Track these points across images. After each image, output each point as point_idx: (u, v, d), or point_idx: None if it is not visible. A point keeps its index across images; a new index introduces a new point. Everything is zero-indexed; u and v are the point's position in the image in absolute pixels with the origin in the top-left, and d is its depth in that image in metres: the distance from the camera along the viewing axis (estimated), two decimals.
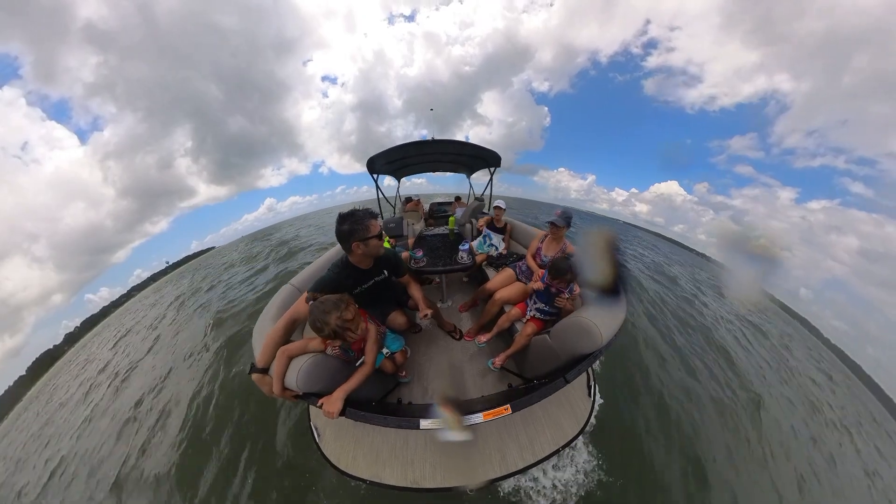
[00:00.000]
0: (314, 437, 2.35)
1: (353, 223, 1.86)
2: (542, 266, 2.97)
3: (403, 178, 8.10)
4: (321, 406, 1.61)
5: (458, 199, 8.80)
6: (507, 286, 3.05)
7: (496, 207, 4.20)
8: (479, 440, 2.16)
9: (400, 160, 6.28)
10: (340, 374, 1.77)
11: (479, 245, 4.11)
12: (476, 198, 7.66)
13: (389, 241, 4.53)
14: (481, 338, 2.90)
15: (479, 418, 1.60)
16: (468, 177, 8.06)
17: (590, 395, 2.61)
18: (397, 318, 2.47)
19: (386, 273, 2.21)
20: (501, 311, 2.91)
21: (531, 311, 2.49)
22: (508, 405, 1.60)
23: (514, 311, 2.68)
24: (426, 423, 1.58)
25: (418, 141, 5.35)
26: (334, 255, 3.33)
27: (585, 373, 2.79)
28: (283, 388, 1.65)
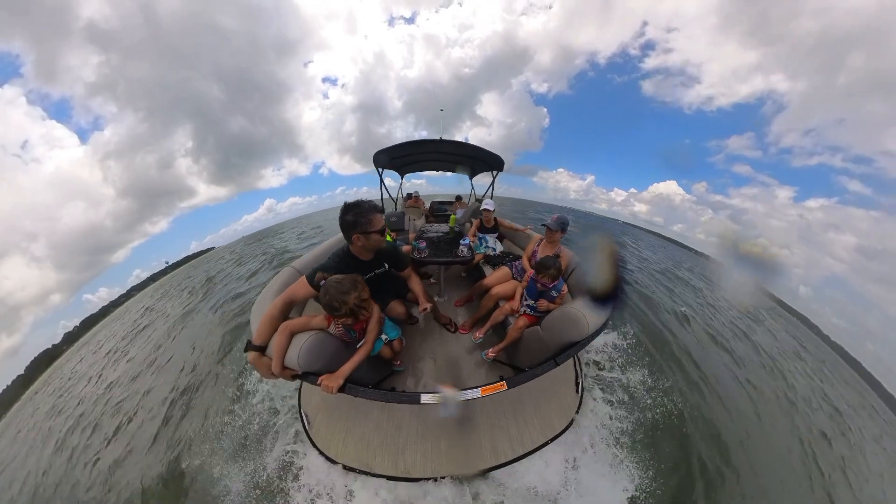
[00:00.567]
0: (304, 424, 2.33)
1: (357, 215, 1.83)
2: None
3: (406, 176, 8.13)
4: (320, 383, 1.58)
5: (459, 199, 8.82)
6: (503, 283, 3.13)
7: (484, 210, 4.16)
8: (472, 432, 2.17)
9: (406, 156, 6.32)
10: (340, 355, 1.75)
11: (476, 247, 4.18)
12: (477, 199, 7.71)
13: (391, 235, 4.58)
14: (477, 333, 2.97)
15: (477, 393, 1.64)
16: (470, 178, 8.09)
17: (577, 391, 2.66)
18: (396, 308, 2.48)
19: (387, 266, 2.22)
20: (496, 306, 2.99)
21: (523, 307, 2.57)
22: (504, 381, 1.66)
23: (508, 305, 2.76)
24: (427, 398, 1.58)
25: (425, 139, 5.44)
26: (337, 242, 3.32)
27: (574, 370, 2.85)
28: (283, 367, 1.61)
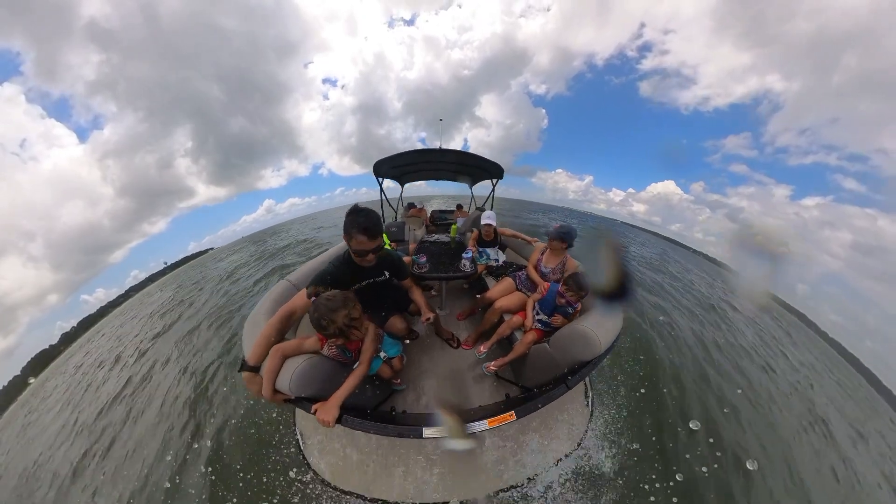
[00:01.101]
0: (299, 444, 2.25)
1: (349, 223, 1.74)
2: (542, 277, 2.96)
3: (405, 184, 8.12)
4: (315, 412, 1.51)
5: (459, 207, 8.79)
6: (508, 295, 3.04)
7: (485, 225, 3.99)
8: (474, 454, 2.05)
9: (405, 166, 6.31)
10: (335, 378, 1.67)
11: (477, 259, 4.09)
12: (478, 208, 7.67)
13: (391, 245, 4.50)
14: (481, 348, 2.87)
15: (484, 425, 1.53)
16: (470, 187, 8.09)
17: (588, 405, 2.58)
18: (396, 324, 2.39)
19: (387, 274, 2.13)
20: (501, 319, 2.89)
21: (535, 322, 2.47)
22: (512, 412, 1.55)
23: (515, 318, 2.66)
24: (429, 432, 1.49)
25: (426, 149, 5.38)
26: (335, 252, 3.32)
27: (583, 383, 2.77)
28: (274, 391, 1.54)
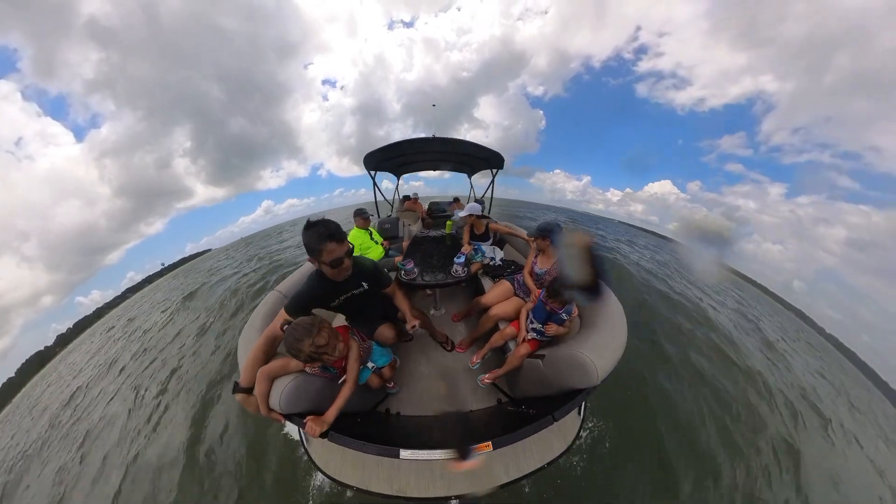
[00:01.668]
0: (302, 442, 2.34)
1: (311, 238, 1.61)
2: (537, 280, 2.81)
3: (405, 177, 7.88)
4: (305, 424, 1.57)
5: (456, 200, 8.64)
6: (503, 301, 2.89)
7: (469, 216, 3.76)
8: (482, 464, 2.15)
9: (400, 156, 6.08)
10: (324, 392, 1.74)
11: (472, 256, 3.93)
12: (476, 200, 7.45)
13: (383, 244, 4.37)
14: (474, 358, 2.75)
15: (452, 455, 1.54)
16: (469, 177, 7.86)
17: (579, 413, 2.52)
18: (385, 332, 2.32)
19: (365, 286, 2.03)
20: (496, 327, 2.76)
21: (529, 333, 2.34)
22: (490, 442, 1.54)
23: (508, 329, 2.53)
24: (405, 454, 1.52)
25: (420, 137, 5.19)
26: (307, 270, 3.07)
27: None
28: (269, 409, 1.61)
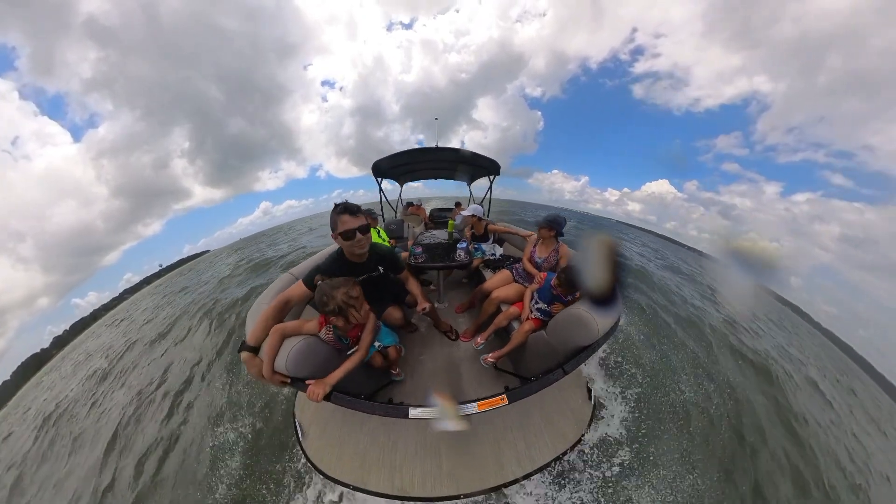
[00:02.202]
0: (297, 435, 2.25)
1: (331, 218, 1.84)
2: (536, 267, 2.96)
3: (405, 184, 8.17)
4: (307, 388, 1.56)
5: (458, 204, 8.88)
6: (505, 286, 3.02)
7: (469, 216, 3.91)
8: (475, 448, 2.06)
9: (404, 165, 6.41)
10: (331, 361, 1.72)
11: (474, 254, 4.06)
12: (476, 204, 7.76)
13: (390, 242, 4.52)
14: (479, 339, 2.85)
15: (474, 408, 1.56)
16: (468, 184, 8.16)
17: (590, 399, 2.55)
18: (393, 314, 2.44)
19: (381, 269, 2.16)
20: (498, 310, 2.87)
21: (533, 311, 2.44)
22: (504, 395, 1.56)
23: (512, 309, 2.63)
24: (415, 412, 1.52)
25: (422, 147, 5.49)
26: (329, 251, 3.31)
27: (585, 378, 2.76)
28: (273, 372, 1.60)
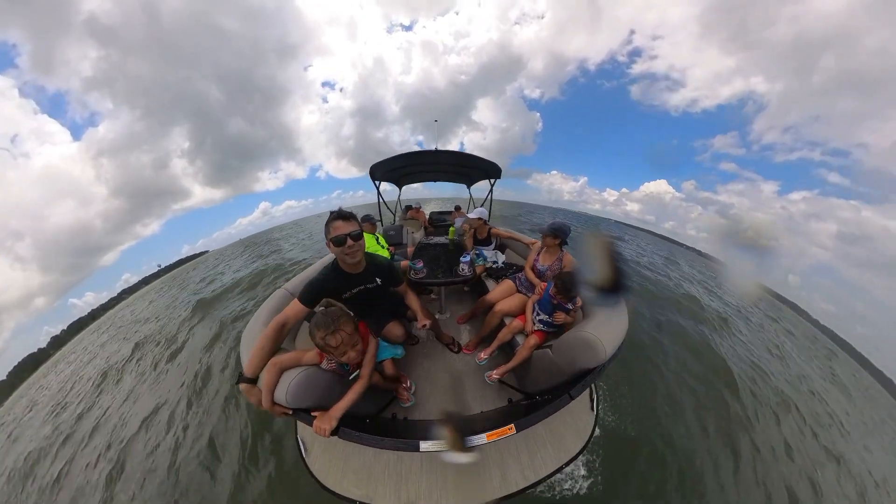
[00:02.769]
0: (300, 451, 2.22)
1: (326, 223, 1.78)
2: (539, 276, 2.93)
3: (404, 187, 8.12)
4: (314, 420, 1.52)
5: (457, 208, 8.81)
6: (508, 298, 2.98)
7: (475, 219, 3.95)
8: (479, 459, 2.03)
9: (402, 168, 6.29)
10: (334, 389, 1.68)
11: (475, 260, 4.05)
12: (476, 207, 7.68)
13: (388, 249, 4.46)
14: (482, 354, 2.80)
15: (483, 439, 1.51)
16: (468, 187, 8.08)
17: (592, 409, 2.54)
18: (394, 330, 2.36)
19: (379, 281, 2.10)
20: (501, 323, 2.83)
21: (536, 324, 2.42)
22: (512, 425, 1.53)
23: (515, 322, 2.60)
24: (426, 446, 1.49)
25: (421, 151, 5.41)
26: (325, 261, 3.28)
27: (589, 387, 2.74)
28: (273, 403, 1.54)
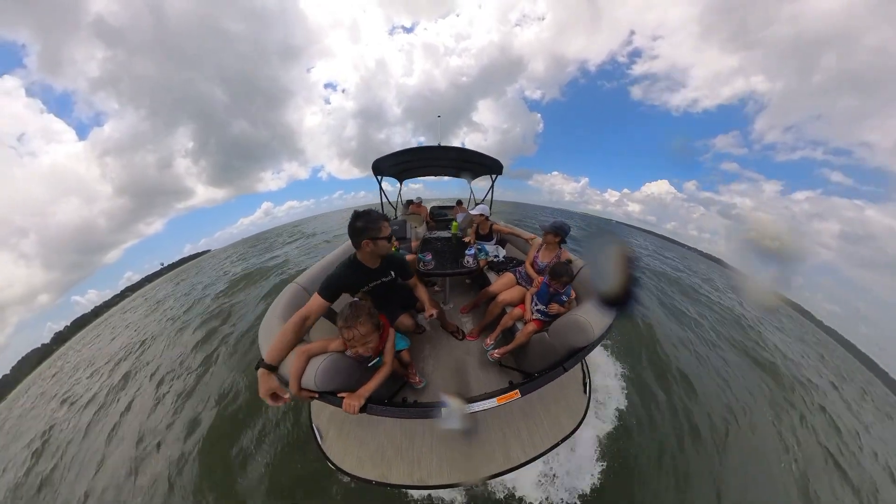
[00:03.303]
0: (316, 438, 2.33)
1: (368, 221, 1.93)
2: (538, 272, 3.10)
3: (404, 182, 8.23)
4: (342, 402, 1.63)
5: (459, 203, 8.86)
6: (509, 289, 3.17)
7: (478, 215, 4.07)
8: (483, 436, 2.24)
9: (405, 163, 6.46)
10: (355, 374, 1.81)
11: (477, 255, 4.21)
12: (477, 203, 7.78)
13: (394, 244, 4.63)
14: (488, 340, 3.00)
15: (494, 402, 1.69)
16: (469, 182, 8.19)
17: (585, 392, 2.74)
18: (405, 321, 2.53)
19: (393, 274, 2.26)
20: (503, 312, 3.03)
21: (534, 313, 2.63)
22: (517, 390, 1.73)
23: (516, 310, 2.81)
24: (446, 409, 1.63)
25: (424, 146, 5.56)
26: (340, 253, 3.45)
27: (582, 371, 2.95)
28: (299, 389, 1.64)
